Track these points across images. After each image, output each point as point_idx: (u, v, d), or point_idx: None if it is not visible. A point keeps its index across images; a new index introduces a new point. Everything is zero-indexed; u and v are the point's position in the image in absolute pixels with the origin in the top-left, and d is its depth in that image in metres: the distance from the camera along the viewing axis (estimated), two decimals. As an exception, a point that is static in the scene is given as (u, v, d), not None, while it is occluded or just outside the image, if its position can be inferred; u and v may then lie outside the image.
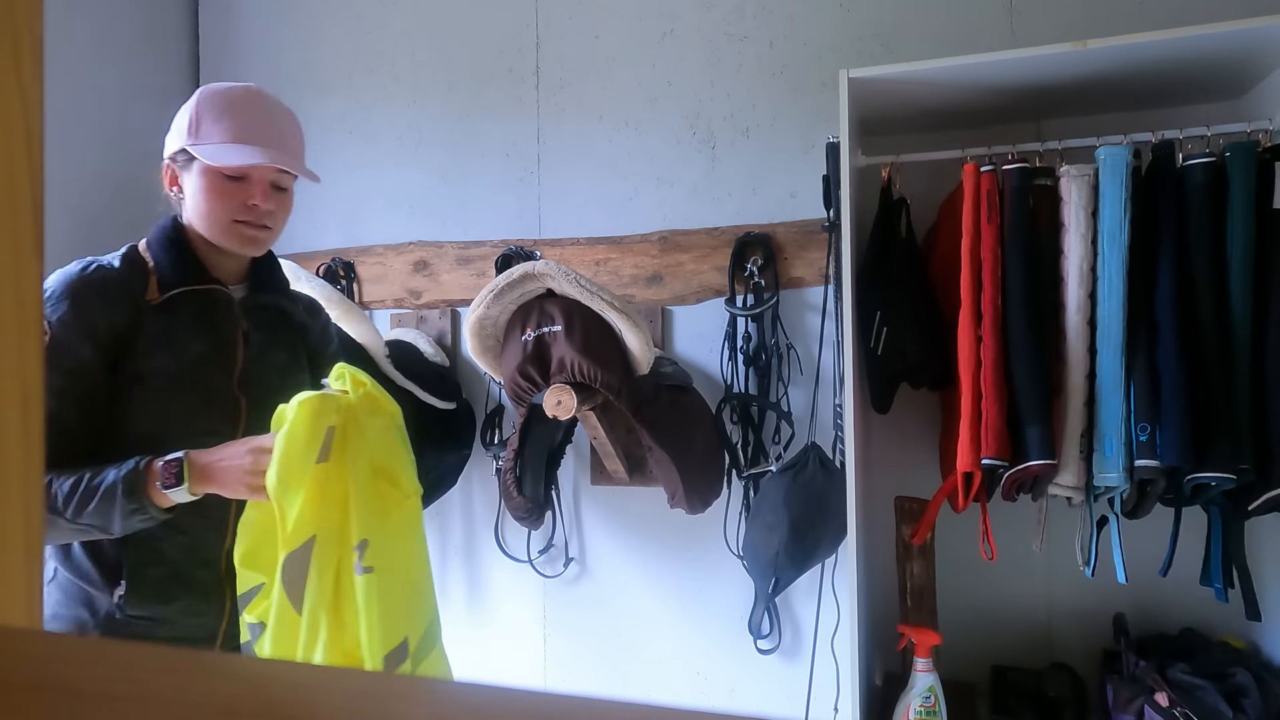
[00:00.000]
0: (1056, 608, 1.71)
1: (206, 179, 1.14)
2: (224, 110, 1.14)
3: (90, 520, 1.02)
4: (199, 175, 1.14)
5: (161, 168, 1.21)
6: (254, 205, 1.15)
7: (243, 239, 1.17)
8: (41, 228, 0.32)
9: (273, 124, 1.18)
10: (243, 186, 1.14)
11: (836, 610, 1.80)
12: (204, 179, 1.14)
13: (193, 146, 1.13)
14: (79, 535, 1.06)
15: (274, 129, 1.17)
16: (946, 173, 1.54)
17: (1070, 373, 1.34)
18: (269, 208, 1.16)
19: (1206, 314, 1.29)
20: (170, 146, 1.18)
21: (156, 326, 1.13)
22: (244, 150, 1.12)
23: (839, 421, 1.74)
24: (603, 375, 1.58)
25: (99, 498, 1.02)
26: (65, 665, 0.25)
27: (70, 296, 1.09)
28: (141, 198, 2.36)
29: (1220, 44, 1.33)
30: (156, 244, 1.18)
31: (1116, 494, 1.35)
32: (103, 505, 1.02)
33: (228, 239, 1.17)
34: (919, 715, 1.46)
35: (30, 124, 0.31)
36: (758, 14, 1.95)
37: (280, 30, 2.40)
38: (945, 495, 1.44)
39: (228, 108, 1.14)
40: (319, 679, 0.24)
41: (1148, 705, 1.37)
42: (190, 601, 1.18)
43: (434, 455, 1.85)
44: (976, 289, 1.38)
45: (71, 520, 1.02)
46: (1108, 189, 1.33)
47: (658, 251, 2.00)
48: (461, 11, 2.20)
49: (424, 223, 2.24)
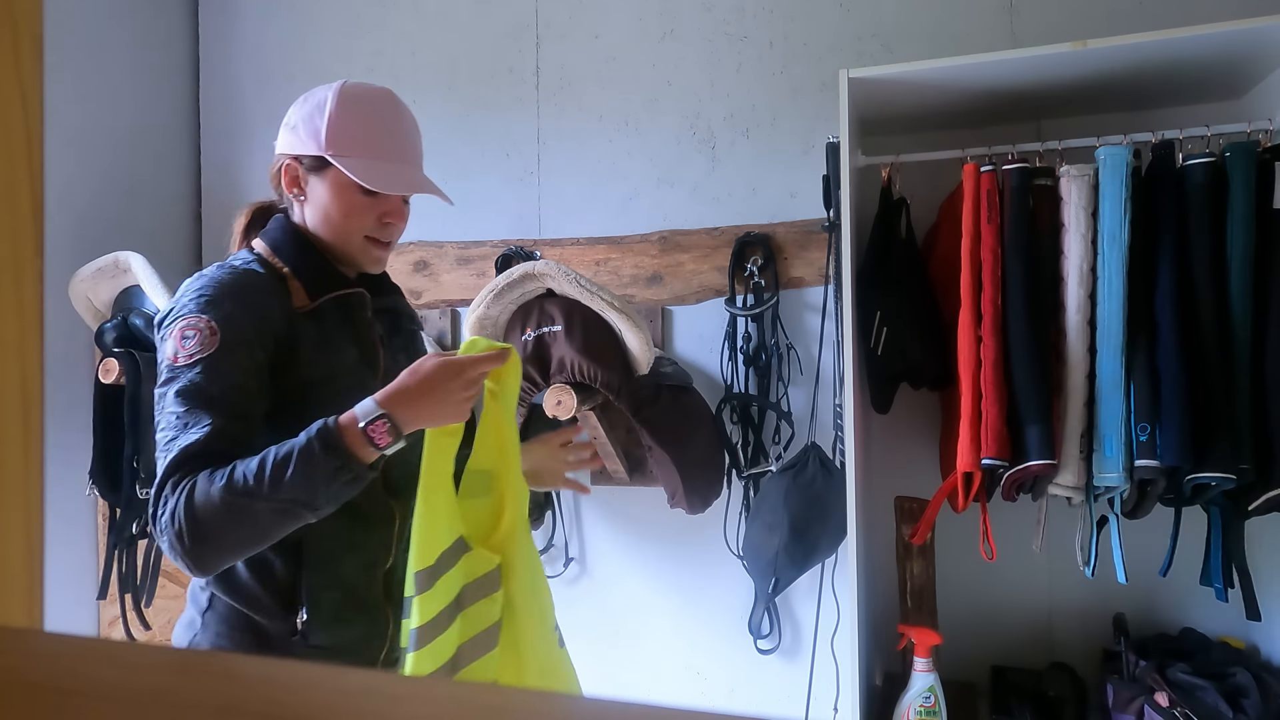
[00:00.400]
0: (1056, 608, 1.71)
1: (343, 192, 1.09)
2: (366, 120, 1.09)
3: (291, 492, 0.90)
4: (333, 186, 1.09)
5: (277, 164, 1.13)
6: (388, 223, 1.11)
7: (369, 257, 1.13)
8: (41, 228, 0.32)
9: (410, 138, 1.14)
10: (378, 202, 1.10)
11: (836, 610, 1.80)
12: (340, 191, 1.09)
13: (334, 158, 1.07)
14: (278, 519, 0.92)
15: (412, 143, 1.13)
16: (946, 173, 1.54)
17: (1070, 373, 1.34)
18: (399, 225, 1.13)
19: (1206, 314, 1.29)
20: (294, 146, 1.10)
21: (312, 334, 1.08)
22: (389, 172, 1.08)
23: (839, 421, 1.74)
24: (603, 375, 1.58)
25: (294, 463, 0.90)
26: (65, 665, 0.25)
27: (232, 298, 1.03)
28: (141, 197, 2.37)
29: (1220, 44, 1.33)
30: (288, 248, 1.11)
31: (1116, 494, 1.35)
32: (301, 469, 0.90)
33: (358, 254, 1.13)
34: (919, 715, 1.46)
35: (30, 124, 0.31)
36: (758, 14, 1.95)
37: (280, 30, 2.40)
38: (945, 495, 1.44)
39: (369, 118, 1.09)
40: (319, 679, 0.24)
41: (1148, 705, 1.37)
42: (365, 625, 1.12)
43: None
44: (976, 289, 1.38)
45: (269, 497, 0.90)
46: (1108, 189, 1.33)
47: (658, 251, 2.00)
48: (461, 11, 2.20)
49: (424, 223, 2.24)
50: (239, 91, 2.45)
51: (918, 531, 1.53)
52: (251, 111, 2.43)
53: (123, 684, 0.24)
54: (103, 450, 1.95)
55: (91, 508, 2.14)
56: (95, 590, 2.07)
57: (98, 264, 1.96)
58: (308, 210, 1.12)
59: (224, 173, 2.46)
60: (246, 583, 1.06)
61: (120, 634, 2.03)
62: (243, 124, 2.44)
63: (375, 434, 0.92)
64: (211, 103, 2.48)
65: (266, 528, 0.93)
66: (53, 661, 0.25)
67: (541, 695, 0.24)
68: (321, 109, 1.09)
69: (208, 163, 2.48)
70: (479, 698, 0.24)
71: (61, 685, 0.23)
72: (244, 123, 2.44)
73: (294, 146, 1.10)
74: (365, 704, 0.22)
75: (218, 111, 2.47)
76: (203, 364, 0.96)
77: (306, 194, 1.11)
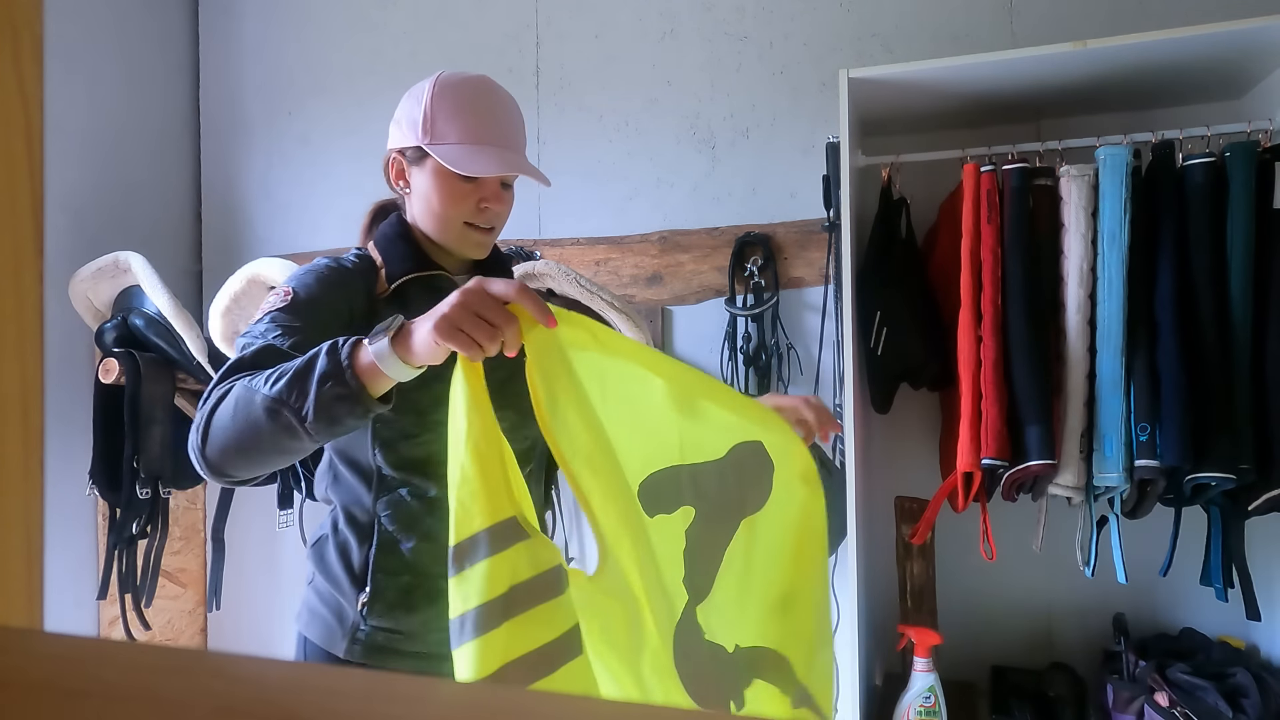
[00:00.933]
0: (1056, 608, 1.71)
1: (440, 180, 1.10)
2: (460, 107, 1.10)
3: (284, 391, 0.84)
4: (431, 175, 1.11)
5: (386, 160, 1.16)
6: (486, 208, 1.12)
7: (470, 242, 1.15)
8: (41, 228, 0.32)
9: (506, 121, 1.13)
10: (475, 188, 1.11)
11: (836, 610, 1.80)
12: (437, 179, 1.10)
13: (429, 146, 1.09)
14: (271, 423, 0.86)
15: (508, 127, 1.13)
16: (946, 173, 1.54)
17: (1070, 373, 1.34)
18: (499, 209, 1.14)
19: (1206, 314, 1.29)
20: (398, 140, 1.13)
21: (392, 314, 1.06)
22: (481, 156, 1.08)
23: (839, 422, 1.74)
24: (603, 375, 1.58)
25: (296, 365, 0.86)
26: (65, 665, 0.25)
27: (315, 275, 1.08)
28: (141, 198, 2.37)
29: (1220, 44, 1.33)
30: (384, 240, 1.16)
31: (1116, 494, 1.35)
32: (300, 370, 0.86)
33: (458, 241, 1.14)
34: (919, 715, 1.46)
35: (30, 124, 0.31)
36: (758, 14, 1.95)
37: (280, 30, 2.40)
38: (945, 495, 1.44)
39: (464, 105, 1.10)
40: (319, 679, 0.24)
41: (1148, 705, 1.37)
42: (432, 615, 1.10)
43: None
44: (976, 289, 1.38)
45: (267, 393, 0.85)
46: (1108, 189, 1.33)
47: (658, 251, 2.00)
48: (461, 12, 2.20)
49: (424, 223, 2.24)
50: (239, 91, 2.45)
51: (918, 531, 1.53)
52: (251, 111, 2.43)
53: (123, 684, 0.24)
54: (103, 450, 1.95)
55: (91, 508, 2.14)
56: (95, 590, 2.07)
57: (98, 264, 1.96)
58: (413, 202, 1.15)
59: (224, 173, 2.46)
60: (332, 560, 1.12)
61: (120, 634, 2.03)
62: (243, 124, 2.44)
63: (374, 339, 0.85)
64: (211, 103, 2.48)
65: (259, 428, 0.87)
66: (53, 661, 0.25)
67: (542, 695, 0.24)
68: (419, 100, 1.10)
69: (208, 163, 2.48)
70: (479, 698, 0.24)
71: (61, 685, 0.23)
72: (244, 123, 2.44)
73: (398, 141, 1.13)
74: (365, 704, 0.22)
75: (218, 111, 2.47)
76: (271, 315, 1.01)
77: (411, 185, 1.14)
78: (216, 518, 2.11)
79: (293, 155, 2.39)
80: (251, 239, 2.42)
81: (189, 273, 2.46)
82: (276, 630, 2.37)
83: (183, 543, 2.35)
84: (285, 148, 2.40)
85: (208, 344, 1.88)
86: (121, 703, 0.23)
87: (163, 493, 2.01)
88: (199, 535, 2.40)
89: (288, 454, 0.90)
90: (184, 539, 2.35)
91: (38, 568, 0.33)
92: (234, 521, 2.13)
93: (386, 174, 1.17)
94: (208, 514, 2.34)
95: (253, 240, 2.42)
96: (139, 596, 2.02)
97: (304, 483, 1.94)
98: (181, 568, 2.35)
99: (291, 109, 2.39)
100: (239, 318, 1.81)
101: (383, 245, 1.15)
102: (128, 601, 2.00)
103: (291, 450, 0.90)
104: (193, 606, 2.40)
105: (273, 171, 2.41)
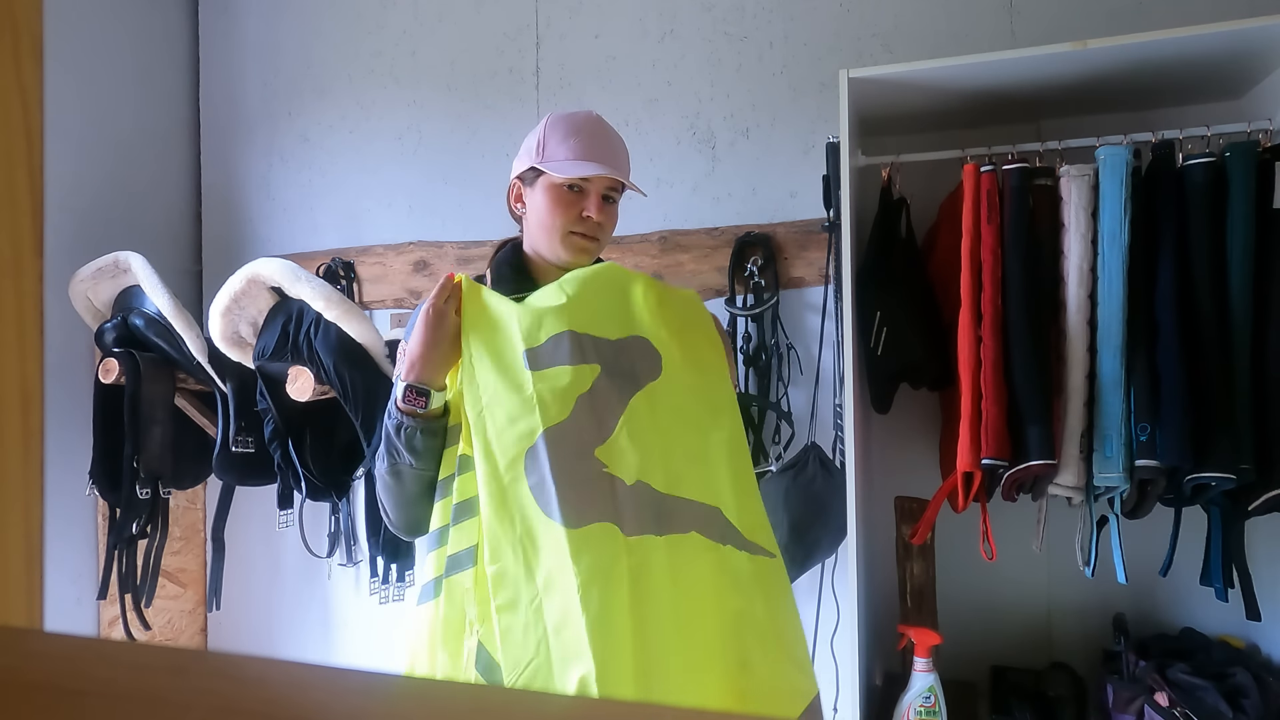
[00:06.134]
0: (1056, 608, 1.71)
1: (549, 192, 1.23)
2: (568, 133, 1.24)
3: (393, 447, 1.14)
4: (542, 190, 1.23)
5: (509, 190, 1.30)
6: (588, 216, 1.23)
7: (575, 248, 1.25)
8: (41, 228, 0.32)
9: (609, 144, 1.26)
10: (580, 198, 1.23)
11: (836, 610, 1.80)
12: (546, 192, 1.23)
13: (541, 164, 1.22)
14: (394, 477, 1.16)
15: (610, 148, 1.26)
16: (946, 173, 1.54)
17: (1070, 373, 1.34)
18: (600, 219, 1.24)
19: (1206, 314, 1.29)
20: (517, 167, 1.27)
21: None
22: (584, 167, 1.22)
23: (839, 421, 1.74)
24: (603, 375, 1.58)
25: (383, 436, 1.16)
26: (65, 665, 0.25)
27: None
28: (141, 198, 2.37)
29: (1220, 44, 1.33)
30: (497, 265, 1.31)
31: (1116, 494, 1.35)
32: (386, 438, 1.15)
33: (564, 248, 1.24)
34: (919, 715, 1.46)
35: (30, 124, 0.31)
36: (758, 14, 1.95)
37: (280, 30, 2.40)
38: (945, 495, 1.44)
39: (572, 131, 1.24)
40: (319, 679, 0.24)
41: (1148, 705, 1.37)
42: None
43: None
44: (976, 289, 1.38)
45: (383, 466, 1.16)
46: (1108, 189, 1.33)
47: (658, 251, 2.00)
48: (461, 11, 2.20)
49: (424, 223, 2.24)
50: (239, 91, 2.45)
51: (918, 531, 1.53)
52: (251, 112, 2.43)
53: (123, 684, 0.24)
54: (103, 450, 1.95)
55: (91, 508, 2.14)
56: (95, 590, 2.07)
57: (98, 264, 1.96)
58: (528, 221, 1.27)
59: (224, 173, 2.46)
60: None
61: (120, 634, 2.03)
62: (243, 124, 2.44)
63: (409, 397, 1.12)
64: (211, 103, 2.48)
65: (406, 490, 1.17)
66: (53, 661, 0.25)
67: (542, 696, 0.24)
68: (535, 133, 1.26)
69: (208, 163, 2.48)
70: (479, 698, 0.24)
71: (61, 685, 0.23)
72: (244, 123, 2.44)
73: (516, 169, 1.28)
74: (365, 704, 0.22)
75: (218, 111, 2.47)
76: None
77: (526, 205, 1.27)
78: (216, 518, 2.11)
79: (293, 155, 2.39)
80: (251, 239, 2.42)
81: (189, 273, 2.46)
82: (276, 630, 2.36)
83: (183, 543, 2.35)
84: (285, 148, 2.40)
85: (208, 344, 1.87)
86: (121, 703, 0.23)
87: (163, 493, 2.01)
88: (199, 535, 2.40)
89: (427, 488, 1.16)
90: (184, 539, 2.35)
91: (38, 568, 0.33)
92: (234, 521, 2.13)
93: (509, 202, 1.30)
94: (208, 514, 2.34)
95: (253, 240, 2.42)
96: (139, 596, 2.02)
97: (304, 483, 1.94)
98: (181, 568, 2.35)
99: (291, 109, 2.39)
100: (239, 318, 1.81)
101: (495, 269, 1.31)
102: (128, 601, 2.00)
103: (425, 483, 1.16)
104: (193, 606, 2.40)
105: (273, 171, 2.41)
